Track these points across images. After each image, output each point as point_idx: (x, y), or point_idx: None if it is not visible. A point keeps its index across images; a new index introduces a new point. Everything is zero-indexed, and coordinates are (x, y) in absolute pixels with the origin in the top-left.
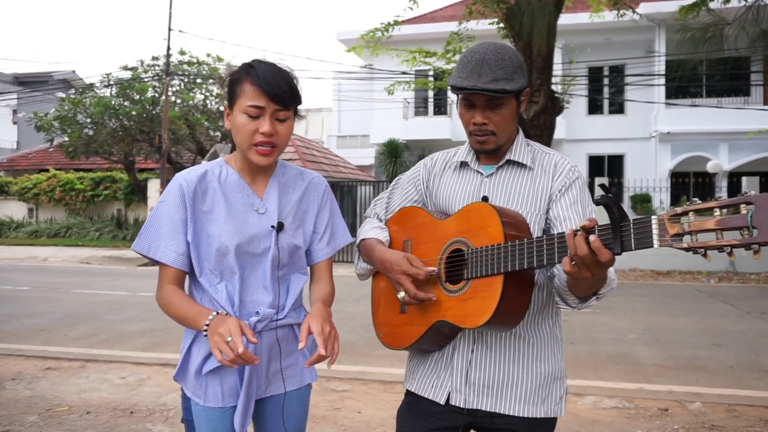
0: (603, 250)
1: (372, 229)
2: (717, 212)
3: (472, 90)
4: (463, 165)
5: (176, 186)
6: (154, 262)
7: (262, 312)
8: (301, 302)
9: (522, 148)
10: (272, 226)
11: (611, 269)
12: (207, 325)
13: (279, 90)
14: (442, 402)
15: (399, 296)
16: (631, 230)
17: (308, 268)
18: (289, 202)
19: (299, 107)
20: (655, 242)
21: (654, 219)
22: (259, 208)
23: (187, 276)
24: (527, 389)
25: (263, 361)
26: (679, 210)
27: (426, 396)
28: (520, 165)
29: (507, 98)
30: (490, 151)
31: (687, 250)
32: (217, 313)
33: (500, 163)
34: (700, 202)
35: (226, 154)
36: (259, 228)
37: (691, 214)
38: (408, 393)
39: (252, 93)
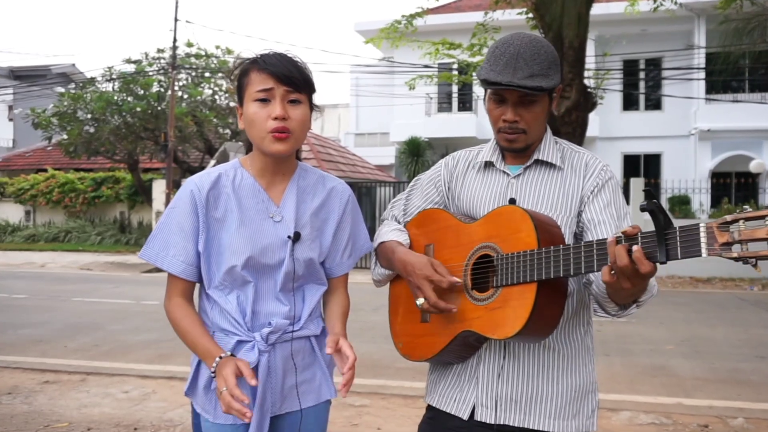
0: (644, 261)
1: (391, 231)
2: None
3: (507, 86)
4: (488, 165)
5: (187, 192)
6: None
7: (274, 323)
8: (319, 313)
9: (551, 147)
10: (288, 237)
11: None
12: (213, 372)
13: (287, 71)
14: (466, 417)
15: (418, 303)
16: (678, 238)
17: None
18: (308, 210)
19: (314, 97)
20: (704, 251)
21: (702, 227)
22: (274, 215)
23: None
24: (558, 403)
25: (278, 375)
26: (728, 218)
27: (448, 411)
28: (549, 165)
29: (540, 95)
30: (518, 150)
31: (737, 259)
32: (221, 357)
33: (528, 163)
34: (750, 209)
35: (236, 153)
36: (274, 238)
37: (741, 222)
38: (429, 408)
39: (259, 79)
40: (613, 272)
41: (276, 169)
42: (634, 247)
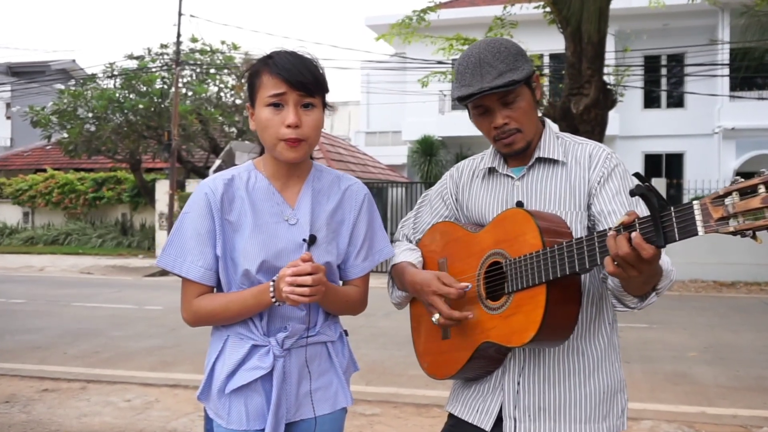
0: (644, 246)
1: (402, 252)
2: (762, 189)
3: (479, 93)
4: (491, 171)
5: (202, 195)
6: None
7: (290, 328)
8: (338, 318)
9: (551, 143)
10: (304, 240)
11: (667, 258)
12: (273, 296)
13: (300, 76)
14: (489, 428)
15: (433, 320)
16: (674, 220)
17: (341, 282)
18: (323, 213)
19: (327, 97)
20: (700, 229)
21: (696, 204)
22: (289, 218)
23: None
24: (588, 406)
25: (293, 381)
26: (721, 192)
27: (470, 421)
28: (552, 161)
29: (519, 89)
30: (520, 151)
31: (734, 233)
32: (273, 281)
33: (530, 163)
34: (742, 180)
35: (249, 153)
36: (289, 241)
37: (734, 194)
38: (450, 416)
39: (271, 83)
40: (616, 263)
41: (290, 172)
42: (633, 234)
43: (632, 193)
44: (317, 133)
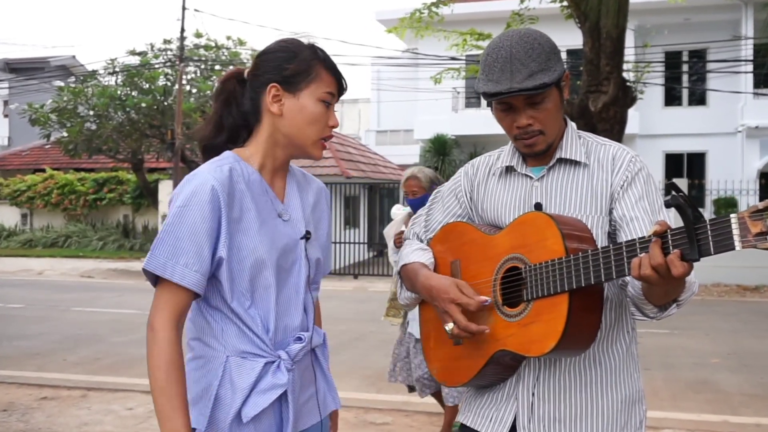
0: (676, 263)
1: (413, 252)
2: None
3: (507, 94)
4: (509, 170)
5: (207, 188)
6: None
7: (305, 337)
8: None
9: (573, 143)
10: (305, 236)
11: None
12: None
13: (345, 83)
14: None
15: (446, 328)
16: (709, 233)
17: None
18: (308, 207)
19: None
20: (737, 244)
21: (734, 218)
22: (282, 214)
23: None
24: (605, 417)
25: (297, 394)
26: (760, 206)
27: (483, 431)
28: (574, 162)
29: (548, 91)
30: (540, 153)
31: None
32: None
33: (551, 164)
34: None
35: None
36: (288, 238)
37: None
38: (462, 427)
39: (329, 80)
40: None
41: (280, 166)
42: (674, 251)
43: (667, 205)
44: None
